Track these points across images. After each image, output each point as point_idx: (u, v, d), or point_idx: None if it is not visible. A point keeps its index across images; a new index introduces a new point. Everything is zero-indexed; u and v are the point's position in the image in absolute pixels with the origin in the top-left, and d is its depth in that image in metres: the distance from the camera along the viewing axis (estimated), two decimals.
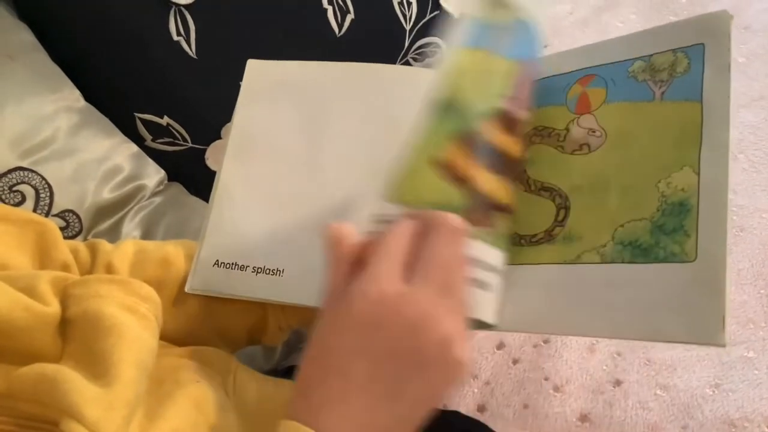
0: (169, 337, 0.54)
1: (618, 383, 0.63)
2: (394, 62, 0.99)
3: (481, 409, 0.66)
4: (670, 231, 0.39)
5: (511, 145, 0.44)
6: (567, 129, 0.46)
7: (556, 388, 0.65)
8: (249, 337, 0.58)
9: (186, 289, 0.54)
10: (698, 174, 0.39)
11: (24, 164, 0.65)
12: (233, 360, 0.54)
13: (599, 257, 0.41)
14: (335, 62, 0.57)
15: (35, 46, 0.73)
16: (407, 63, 1.01)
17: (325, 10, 0.89)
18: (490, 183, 0.42)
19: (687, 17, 0.44)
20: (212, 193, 0.56)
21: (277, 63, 0.59)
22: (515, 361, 0.68)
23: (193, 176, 0.82)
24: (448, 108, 0.42)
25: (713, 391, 0.61)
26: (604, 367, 0.65)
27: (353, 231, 0.38)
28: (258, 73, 0.59)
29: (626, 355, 0.65)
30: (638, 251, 0.40)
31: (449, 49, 0.44)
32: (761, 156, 0.80)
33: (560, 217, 0.44)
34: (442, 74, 0.43)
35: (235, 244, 0.54)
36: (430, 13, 1.00)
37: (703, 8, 1.04)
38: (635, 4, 1.15)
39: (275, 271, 0.52)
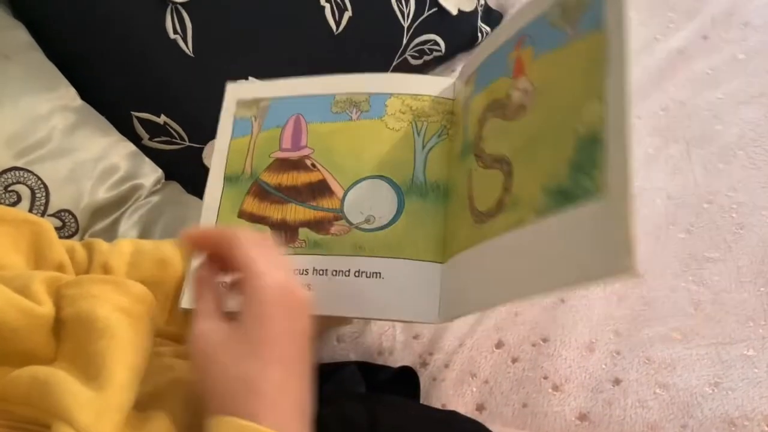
0: (169, 336, 0.54)
1: (617, 382, 0.63)
2: (392, 60, 0.99)
3: (480, 408, 0.66)
4: (585, 167, 0.37)
5: (294, 177, 0.56)
6: (508, 95, 0.46)
7: (555, 387, 0.64)
8: None
9: (180, 306, 0.54)
10: (605, 104, 0.37)
11: (19, 164, 0.65)
12: None
13: (534, 214, 0.40)
14: (316, 76, 0.60)
15: (31, 45, 0.72)
16: (405, 60, 1.00)
17: (323, 8, 0.88)
18: (283, 212, 0.55)
19: None
20: (202, 210, 0.58)
21: (256, 83, 0.63)
22: (514, 360, 0.68)
23: (191, 175, 0.81)
24: (234, 179, 0.58)
25: (713, 390, 0.60)
26: (603, 366, 0.65)
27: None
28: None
29: (625, 353, 0.65)
30: (561, 197, 0.38)
31: (221, 145, 0.59)
32: (761, 153, 0.80)
33: (507, 185, 0.44)
34: (219, 162, 0.59)
35: None
36: (427, 11, 0.99)
37: (703, 4, 1.04)
38: (635, 5, 1.15)
39: None
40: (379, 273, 0.51)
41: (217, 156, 0.59)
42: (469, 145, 0.50)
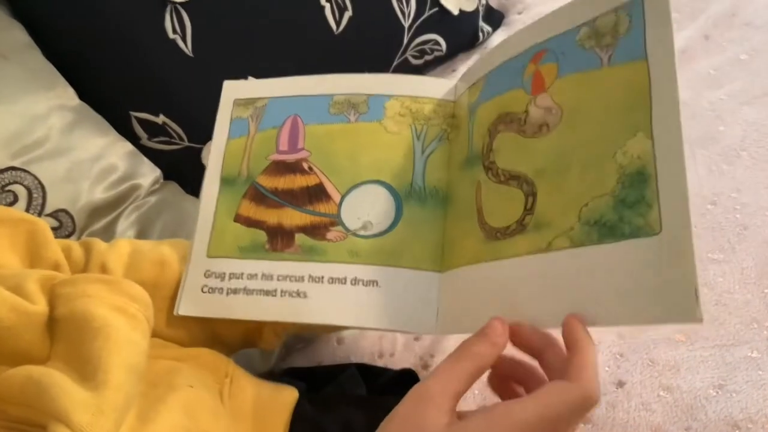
0: (167, 338, 0.54)
1: (621, 384, 0.62)
2: (392, 59, 0.98)
3: None
4: (633, 203, 0.36)
5: (291, 181, 0.55)
6: (526, 112, 0.45)
7: None
8: (245, 341, 0.57)
9: (176, 312, 0.54)
10: (651, 138, 0.36)
11: (16, 164, 0.65)
12: (230, 363, 0.53)
13: (569, 241, 0.39)
14: (315, 75, 0.59)
15: (29, 44, 0.72)
16: (406, 60, 1.00)
17: (323, 7, 0.88)
18: (279, 217, 0.54)
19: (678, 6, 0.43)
20: (199, 211, 0.57)
21: (254, 82, 0.62)
22: None
23: (189, 175, 0.81)
24: (230, 181, 0.57)
25: (717, 392, 0.60)
26: (607, 368, 0.64)
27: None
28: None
29: (629, 356, 0.64)
30: (605, 230, 0.37)
31: (217, 145, 0.59)
32: (764, 153, 0.79)
33: (529, 205, 0.43)
34: (215, 163, 0.58)
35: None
36: (428, 10, 0.99)
37: (705, 4, 1.03)
38: None
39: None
40: (376, 281, 0.50)
41: (214, 157, 0.59)
42: (476, 155, 0.49)
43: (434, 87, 0.56)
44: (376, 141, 0.54)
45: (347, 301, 0.50)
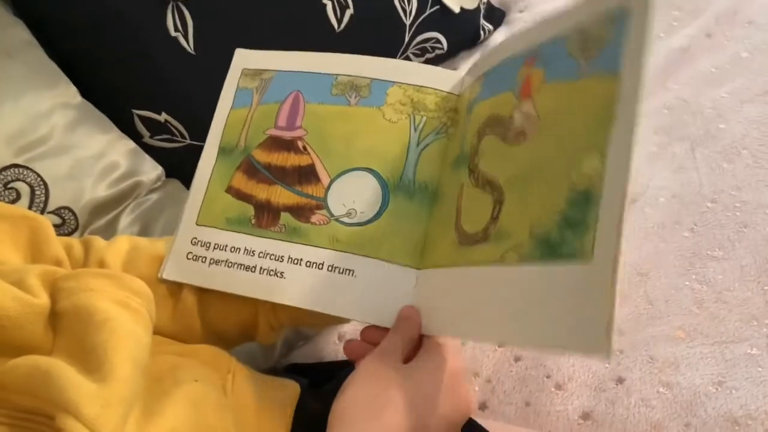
0: (166, 333, 0.54)
1: (620, 381, 0.63)
2: (393, 58, 0.98)
3: (482, 406, 0.65)
4: (575, 224, 0.34)
5: (284, 158, 0.55)
6: (511, 116, 0.43)
7: (558, 386, 0.64)
8: (242, 334, 0.58)
9: (158, 276, 0.54)
10: (604, 158, 0.33)
11: (19, 161, 0.65)
12: (232, 359, 0.54)
13: (517, 256, 0.38)
14: (324, 53, 0.58)
15: (32, 42, 0.72)
16: (407, 58, 1.00)
17: (324, 5, 0.88)
18: (268, 193, 0.54)
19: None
20: (194, 178, 0.58)
21: (264, 53, 0.61)
22: (517, 359, 0.67)
23: (192, 173, 0.80)
24: (227, 151, 0.57)
25: (716, 389, 0.60)
26: (607, 365, 0.64)
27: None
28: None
29: (629, 352, 0.64)
30: (547, 249, 0.35)
31: (220, 113, 0.59)
32: (765, 152, 0.79)
33: (495, 213, 0.41)
34: (216, 131, 0.59)
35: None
36: (430, 8, 0.99)
37: (707, 2, 1.03)
38: None
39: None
40: (353, 271, 0.50)
41: (216, 125, 0.59)
42: (464, 156, 0.48)
43: (441, 78, 0.54)
44: (373, 127, 0.54)
45: (322, 287, 0.50)
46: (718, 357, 0.62)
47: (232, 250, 0.53)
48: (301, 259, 0.51)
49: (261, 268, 0.52)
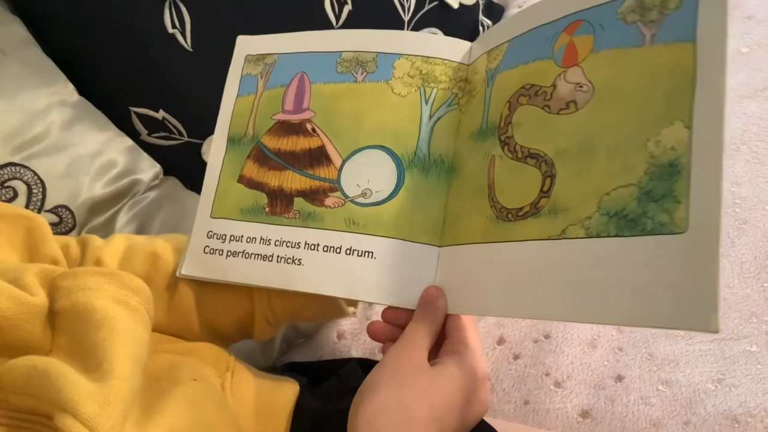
0: (163, 330, 0.54)
1: (619, 378, 0.63)
2: None
3: None
4: (659, 198, 0.34)
5: (294, 142, 0.54)
6: (554, 85, 0.41)
7: (557, 384, 0.64)
8: (239, 331, 0.57)
9: (177, 274, 0.54)
10: (690, 129, 0.33)
11: (16, 160, 0.65)
12: (231, 357, 0.54)
13: (584, 231, 0.37)
14: (325, 30, 0.57)
15: (29, 40, 0.72)
16: None
17: (323, 2, 0.88)
18: (280, 179, 0.53)
19: None
20: (206, 171, 0.57)
21: (266, 37, 0.59)
22: (516, 357, 0.67)
23: (190, 170, 0.81)
24: (236, 140, 0.56)
25: (716, 386, 0.60)
26: (606, 363, 0.64)
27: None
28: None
29: (628, 350, 0.64)
30: (624, 222, 0.35)
31: (226, 103, 0.58)
32: (765, 147, 0.79)
33: (546, 187, 0.40)
34: (224, 121, 0.57)
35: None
36: (428, 4, 0.99)
37: None
38: None
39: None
40: (372, 252, 0.49)
41: (223, 115, 0.58)
42: (492, 126, 0.46)
43: (448, 47, 0.52)
44: (382, 103, 0.52)
45: (341, 271, 0.49)
46: (718, 354, 0.62)
47: (248, 240, 0.52)
48: (318, 244, 0.50)
49: (278, 256, 0.51)
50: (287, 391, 0.53)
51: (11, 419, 0.36)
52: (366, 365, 0.64)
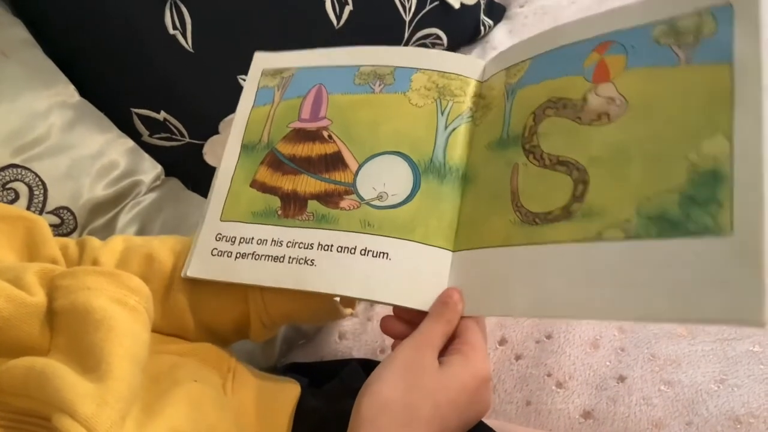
0: (161, 331, 0.54)
1: (622, 379, 0.62)
2: None
3: None
4: (702, 202, 0.37)
5: (309, 148, 0.55)
6: (584, 99, 0.45)
7: (559, 385, 0.64)
8: (236, 332, 0.57)
9: (182, 275, 0.54)
10: (731, 140, 0.37)
11: (17, 161, 0.65)
12: (232, 358, 0.54)
13: (623, 233, 0.39)
14: (343, 47, 0.59)
15: (30, 42, 0.72)
16: None
17: (323, 2, 0.88)
18: (294, 183, 0.54)
19: None
20: (217, 176, 0.57)
21: (283, 54, 0.61)
22: (517, 357, 0.67)
23: (191, 171, 0.81)
24: (250, 147, 0.57)
25: (718, 387, 0.60)
26: (608, 363, 0.64)
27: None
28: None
29: (630, 350, 0.64)
30: (667, 225, 0.38)
31: (241, 112, 0.59)
32: None
33: (578, 192, 0.43)
34: (238, 129, 0.59)
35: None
36: (430, 4, 0.99)
37: None
38: None
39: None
40: (387, 254, 0.49)
41: (237, 124, 0.59)
42: (514, 136, 0.48)
43: (463, 65, 0.54)
44: (399, 112, 0.54)
45: (355, 272, 0.49)
46: (720, 354, 0.62)
47: (259, 242, 0.53)
48: (332, 245, 0.50)
49: (290, 257, 0.51)
50: (288, 392, 0.53)
51: (10, 421, 0.36)
52: (368, 366, 0.64)
